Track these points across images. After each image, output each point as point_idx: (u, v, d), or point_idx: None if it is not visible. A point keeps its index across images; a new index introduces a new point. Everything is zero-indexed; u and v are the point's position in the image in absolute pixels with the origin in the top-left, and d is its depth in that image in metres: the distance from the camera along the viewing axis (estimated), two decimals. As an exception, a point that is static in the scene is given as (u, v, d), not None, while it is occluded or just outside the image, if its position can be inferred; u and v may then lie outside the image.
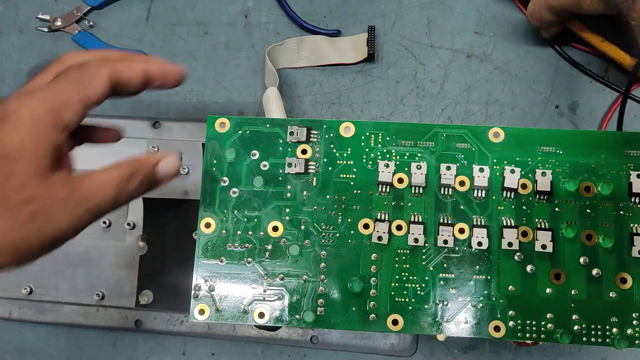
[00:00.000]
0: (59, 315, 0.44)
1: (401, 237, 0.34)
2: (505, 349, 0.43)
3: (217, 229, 0.35)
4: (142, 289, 0.43)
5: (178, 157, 0.30)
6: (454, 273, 0.33)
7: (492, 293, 0.33)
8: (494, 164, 0.34)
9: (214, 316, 0.34)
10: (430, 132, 0.35)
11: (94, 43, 0.48)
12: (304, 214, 0.34)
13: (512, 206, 0.34)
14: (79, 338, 0.45)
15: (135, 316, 0.44)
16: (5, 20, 0.51)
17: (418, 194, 0.34)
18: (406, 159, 0.35)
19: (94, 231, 0.44)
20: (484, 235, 0.33)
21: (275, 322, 0.33)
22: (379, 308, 0.33)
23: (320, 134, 0.35)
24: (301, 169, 0.35)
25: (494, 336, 0.33)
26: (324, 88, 0.47)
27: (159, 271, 0.44)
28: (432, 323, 0.33)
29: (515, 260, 0.33)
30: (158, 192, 0.44)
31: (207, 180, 0.35)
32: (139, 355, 0.45)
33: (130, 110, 0.48)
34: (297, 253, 0.34)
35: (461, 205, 0.34)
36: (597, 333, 0.32)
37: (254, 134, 0.35)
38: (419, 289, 0.33)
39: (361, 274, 0.34)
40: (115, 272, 0.44)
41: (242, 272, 0.34)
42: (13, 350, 0.46)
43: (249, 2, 0.49)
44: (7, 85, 0.50)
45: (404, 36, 0.47)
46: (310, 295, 0.34)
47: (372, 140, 0.35)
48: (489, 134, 0.35)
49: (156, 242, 0.44)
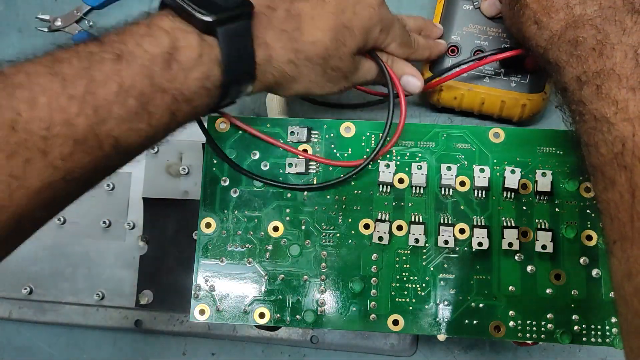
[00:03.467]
0: (59, 315, 0.44)
1: (402, 237, 0.34)
2: (505, 349, 0.43)
3: (217, 229, 0.35)
4: (142, 289, 0.43)
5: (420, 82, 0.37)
6: (455, 273, 0.33)
7: (493, 293, 0.33)
8: (495, 164, 0.34)
9: (215, 316, 0.34)
10: (430, 132, 0.35)
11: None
12: (305, 214, 0.34)
13: (512, 206, 0.34)
14: (79, 338, 0.45)
15: (135, 316, 0.44)
16: (5, 20, 0.51)
17: (418, 194, 0.34)
18: (407, 159, 0.35)
19: (94, 231, 0.44)
20: (484, 235, 0.33)
21: (276, 322, 0.34)
22: (380, 308, 0.33)
23: (320, 134, 0.35)
24: (302, 168, 0.35)
25: (494, 336, 0.33)
26: (324, 88, 0.46)
27: (159, 271, 0.44)
28: (433, 323, 0.33)
29: (515, 260, 0.33)
30: (158, 192, 0.44)
31: (208, 180, 0.35)
32: (139, 355, 0.45)
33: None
34: (297, 253, 0.34)
35: (461, 205, 0.34)
36: (597, 333, 0.32)
37: (254, 134, 0.35)
38: (419, 289, 0.33)
39: (362, 274, 0.34)
40: (115, 272, 0.44)
41: (243, 272, 0.34)
42: (13, 350, 0.46)
43: (249, 2, 0.49)
44: (7, 85, 0.50)
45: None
46: (311, 295, 0.34)
47: (373, 141, 0.35)
48: (490, 134, 0.35)
49: (156, 242, 0.44)
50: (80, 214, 0.44)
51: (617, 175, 0.25)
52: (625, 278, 0.24)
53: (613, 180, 0.25)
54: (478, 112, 0.42)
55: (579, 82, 0.28)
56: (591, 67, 0.27)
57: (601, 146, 0.26)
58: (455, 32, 0.40)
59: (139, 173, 0.44)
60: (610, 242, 0.26)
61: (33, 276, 0.44)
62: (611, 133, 0.26)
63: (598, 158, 0.26)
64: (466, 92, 0.40)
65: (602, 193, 0.26)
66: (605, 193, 0.26)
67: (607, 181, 0.26)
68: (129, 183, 0.44)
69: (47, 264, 0.44)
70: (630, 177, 0.25)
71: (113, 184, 0.44)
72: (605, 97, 0.26)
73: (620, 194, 0.25)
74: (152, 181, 0.44)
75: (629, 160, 0.25)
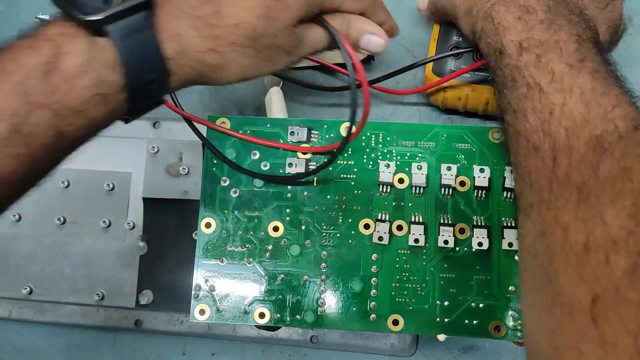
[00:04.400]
0: (59, 315, 0.44)
1: (402, 237, 0.34)
2: (505, 349, 0.43)
3: (217, 229, 0.35)
4: (142, 289, 0.43)
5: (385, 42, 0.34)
6: (455, 273, 0.33)
7: (493, 293, 0.33)
8: (495, 165, 0.34)
9: (215, 316, 0.34)
10: (430, 132, 0.35)
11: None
12: (305, 214, 0.34)
13: (512, 206, 0.34)
14: (79, 338, 0.45)
15: (135, 316, 0.44)
16: (6, 20, 0.51)
17: (419, 194, 0.34)
18: (407, 159, 0.35)
19: (94, 231, 0.44)
20: (484, 235, 0.33)
21: (276, 323, 0.34)
22: (380, 308, 0.33)
23: (320, 134, 0.35)
24: (302, 169, 0.35)
25: (494, 336, 0.33)
26: (324, 88, 0.47)
27: (159, 271, 0.44)
28: (433, 323, 0.33)
29: (515, 260, 0.33)
30: (158, 192, 0.44)
31: (208, 180, 0.35)
32: (139, 355, 0.45)
33: (130, 110, 0.48)
34: (297, 253, 0.34)
35: (462, 205, 0.34)
36: (597, 333, 0.32)
37: (254, 134, 0.35)
38: (419, 289, 0.33)
39: (362, 274, 0.34)
40: (115, 272, 0.44)
41: (243, 272, 0.34)
42: (13, 350, 0.46)
43: (249, 2, 0.49)
44: (7, 85, 0.50)
45: (404, 36, 0.47)
46: (311, 295, 0.34)
47: (373, 141, 0.35)
48: (490, 134, 0.35)
49: (156, 242, 0.44)
50: (80, 214, 0.44)
51: (541, 142, 0.26)
52: (539, 237, 0.25)
53: (537, 146, 0.26)
54: (483, 112, 0.42)
55: (520, 48, 0.28)
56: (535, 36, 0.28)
57: (529, 113, 0.27)
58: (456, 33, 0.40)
59: (139, 173, 0.44)
60: (526, 205, 0.27)
61: (33, 276, 0.44)
62: (541, 101, 0.27)
63: (524, 125, 0.27)
64: (470, 93, 0.40)
65: (523, 159, 0.27)
66: (527, 159, 0.27)
67: (530, 147, 0.27)
68: (129, 183, 0.44)
69: (47, 264, 0.44)
70: (553, 143, 0.25)
71: (113, 184, 0.44)
72: (544, 67, 0.27)
73: (542, 159, 0.26)
74: (152, 181, 0.44)
75: (554, 128, 0.26)
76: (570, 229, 0.23)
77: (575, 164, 0.24)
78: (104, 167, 0.45)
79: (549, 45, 0.28)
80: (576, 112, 0.25)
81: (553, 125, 0.26)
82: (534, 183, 0.26)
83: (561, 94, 0.26)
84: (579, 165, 0.24)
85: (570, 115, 0.25)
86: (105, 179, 0.44)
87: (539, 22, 0.29)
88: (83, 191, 0.45)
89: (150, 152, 0.44)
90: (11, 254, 0.45)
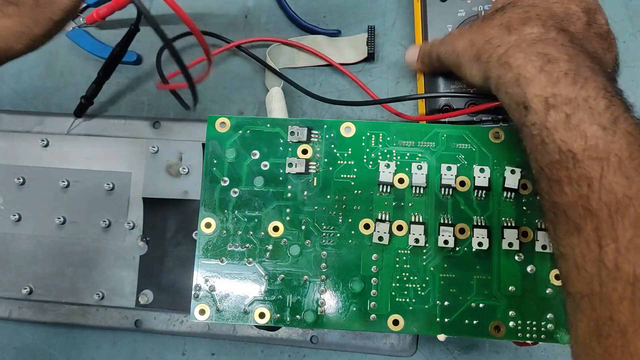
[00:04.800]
0: (59, 315, 0.44)
1: (402, 237, 0.34)
2: (505, 349, 0.43)
3: (217, 229, 0.35)
4: (142, 289, 0.43)
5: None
6: (455, 273, 0.33)
7: (493, 293, 0.33)
8: (495, 164, 0.34)
9: (215, 316, 0.34)
10: (430, 132, 0.35)
11: (88, 40, 0.48)
12: (305, 214, 0.34)
13: (512, 206, 0.34)
14: (79, 338, 0.45)
15: (135, 316, 0.44)
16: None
17: (419, 194, 0.34)
18: (407, 159, 0.35)
19: (94, 231, 0.44)
20: (484, 235, 0.33)
21: (276, 323, 0.34)
22: (380, 308, 0.33)
23: (320, 134, 0.35)
24: (302, 169, 0.35)
25: (494, 336, 0.33)
26: (324, 88, 0.47)
27: (159, 271, 0.44)
28: (433, 323, 0.33)
29: (515, 260, 0.33)
30: (158, 192, 0.44)
31: (208, 180, 0.35)
32: (138, 355, 0.45)
33: (130, 110, 0.48)
34: (297, 253, 0.34)
35: (462, 205, 0.34)
36: (597, 333, 0.32)
37: (254, 133, 0.35)
38: (419, 289, 0.33)
39: (362, 274, 0.34)
40: (115, 272, 0.44)
41: (243, 272, 0.34)
42: (13, 350, 0.46)
43: (249, 2, 0.49)
44: (7, 85, 0.50)
45: (404, 36, 0.47)
46: (311, 295, 0.34)
47: (373, 141, 0.35)
48: (490, 134, 0.35)
49: (156, 242, 0.44)
50: (80, 214, 0.44)
51: (582, 221, 0.24)
52: (594, 337, 0.23)
53: (578, 226, 0.24)
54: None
55: (546, 104, 0.26)
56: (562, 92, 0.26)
57: (565, 184, 0.25)
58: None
59: (139, 173, 0.44)
60: (576, 294, 0.25)
61: (33, 276, 0.44)
62: (576, 170, 0.24)
63: (561, 196, 0.25)
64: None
65: (565, 236, 0.25)
66: (569, 237, 0.25)
67: (571, 225, 0.24)
68: (129, 183, 0.44)
69: (47, 264, 0.44)
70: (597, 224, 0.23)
71: (113, 184, 0.44)
72: (574, 128, 0.25)
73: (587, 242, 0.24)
74: (152, 181, 0.44)
75: (595, 204, 0.23)
76: (628, 334, 0.22)
77: (623, 250, 0.23)
78: (104, 167, 0.45)
79: (578, 104, 0.25)
80: (617, 187, 0.23)
81: (593, 201, 0.24)
82: (580, 268, 0.24)
83: (597, 163, 0.24)
84: (627, 253, 0.22)
85: (611, 190, 0.23)
86: (105, 179, 0.44)
87: (564, 75, 0.26)
88: (83, 191, 0.45)
89: (150, 152, 0.44)
90: (11, 254, 0.45)
